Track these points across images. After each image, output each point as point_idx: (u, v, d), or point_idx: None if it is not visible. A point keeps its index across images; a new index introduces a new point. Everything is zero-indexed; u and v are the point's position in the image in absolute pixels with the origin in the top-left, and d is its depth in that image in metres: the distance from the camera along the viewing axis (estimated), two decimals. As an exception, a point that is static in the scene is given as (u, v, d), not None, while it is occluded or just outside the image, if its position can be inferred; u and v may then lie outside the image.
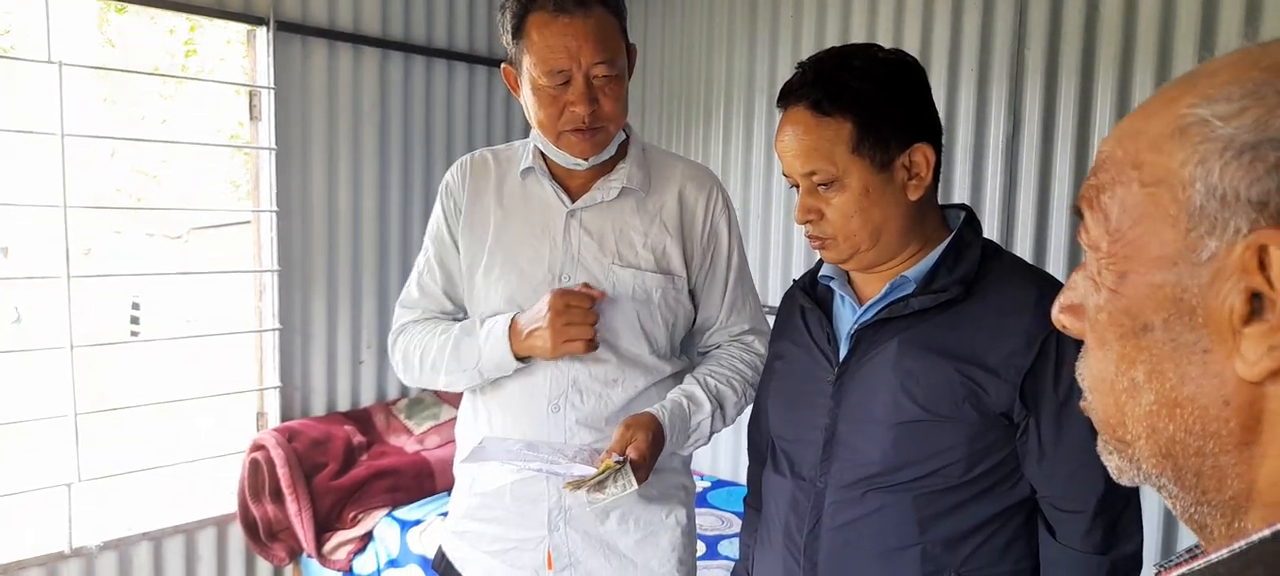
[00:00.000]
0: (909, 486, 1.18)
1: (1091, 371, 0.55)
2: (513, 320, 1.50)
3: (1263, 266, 0.45)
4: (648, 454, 1.41)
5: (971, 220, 1.27)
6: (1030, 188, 2.69)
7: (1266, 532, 0.45)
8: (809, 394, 1.29)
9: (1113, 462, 0.55)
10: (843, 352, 1.26)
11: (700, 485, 3.26)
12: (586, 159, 1.50)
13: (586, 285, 1.50)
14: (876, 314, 1.23)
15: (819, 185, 1.20)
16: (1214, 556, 0.47)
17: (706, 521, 2.94)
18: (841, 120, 1.16)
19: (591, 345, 1.46)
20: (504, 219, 1.58)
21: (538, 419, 1.55)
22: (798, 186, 1.24)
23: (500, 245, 1.57)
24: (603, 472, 1.36)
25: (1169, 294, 0.49)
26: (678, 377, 1.61)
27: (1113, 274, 0.52)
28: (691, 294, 1.61)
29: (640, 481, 1.38)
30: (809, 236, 1.26)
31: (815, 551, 1.24)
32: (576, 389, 1.54)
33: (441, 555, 1.71)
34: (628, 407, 1.54)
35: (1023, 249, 2.69)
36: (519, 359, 1.51)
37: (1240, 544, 0.46)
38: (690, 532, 1.65)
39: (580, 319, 1.44)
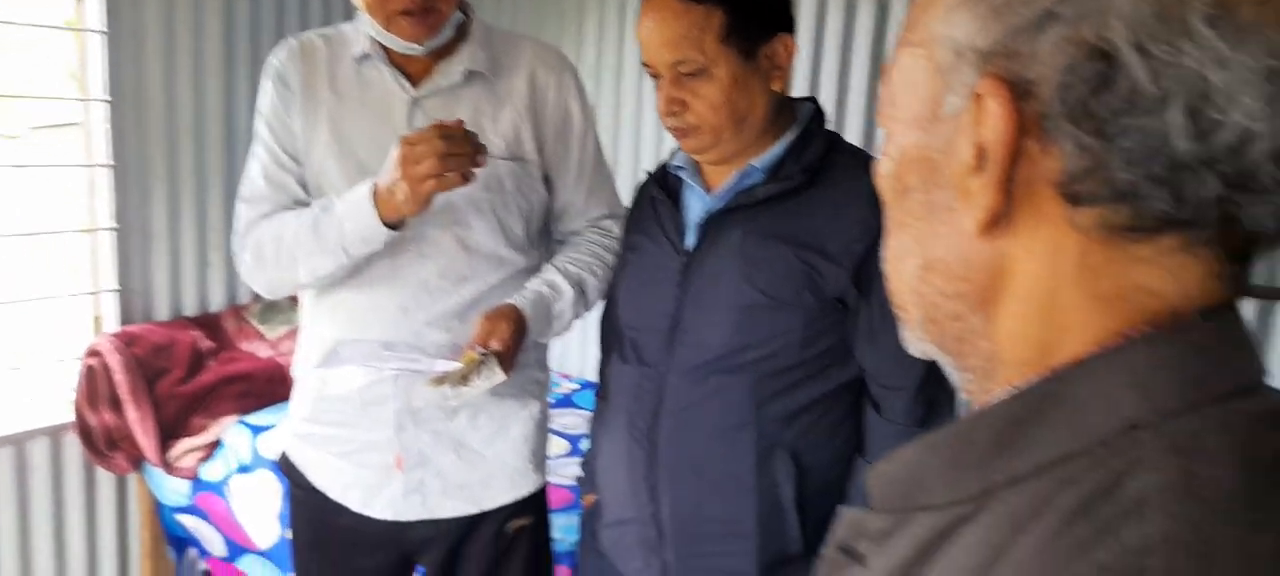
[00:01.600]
0: (748, 368, 1.21)
1: (885, 244, 0.54)
2: (375, 184, 1.37)
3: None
4: (512, 345, 1.39)
5: (819, 112, 1.29)
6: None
7: (1003, 396, 0.45)
8: (657, 282, 1.30)
9: (903, 335, 0.55)
10: (691, 241, 1.27)
11: (567, 386, 3.28)
12: (421, 43, 1.42)
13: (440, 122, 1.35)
14: (725, 203, 1.24)
15: (685, 75, 1.19)
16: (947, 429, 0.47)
17: (570, 420, 2.96)
18: (711, 8, 1.15)
19: (465, 177, 1.33)
20: (339, 108, 1.49)
21: (387, 322, 1.50)
22: (658, 77, 1.22)
23: (337, 138, 1.48)
24: (466, 367, 1.33)
25: (922, 154, 0.48)
26: (533, 270, 1.59)
27: (891, 141, 0.51)
28: (546, 180, 1.58)
29: (507, 373, 1.37)
30: (671, 128, 1.25)
31: (656, 434, 1.27)
32: (425, 289, 1.49)
33: (285, 458, 1.66)
34: (479, 303, 1.51)
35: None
36: (389, 226, 1.37)
37: (976, 409, 0.47)
38: (543, 426, 1.66)
39: (428, 152, 1.29)
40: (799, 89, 2.86)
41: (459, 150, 1.30)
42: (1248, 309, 2.26)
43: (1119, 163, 0.40)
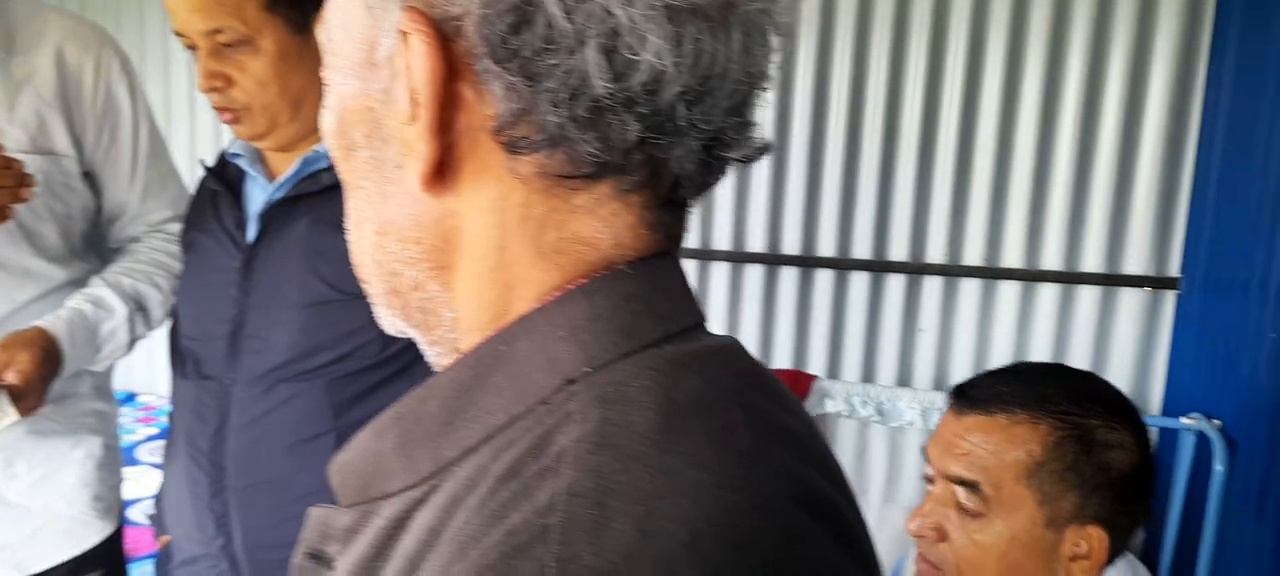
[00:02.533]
0: (321, 372, 1.10)
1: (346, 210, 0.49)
2: None
3: None
4: (35, 376, 1.15)
5: None
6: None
7: (449, 364, 0.44)
8: (215, 284, 1.15)
9: (376, 313, 0.50)
10: (251, 235, 1.14)
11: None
12: None
13: None
14: (286, 192, 1.12)
15: (225, 46, 1.05)
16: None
17: (177, 453, 2.63)
18: None
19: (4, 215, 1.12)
20: None
21: None
22: (194, 48, 1.07)
23: None
24: None
25: (363, 105, 0.44)
26: (80, 285, 1.34)
27: (332, 90, 0.46)
28: (89, 178, 1.34)
29: (27, 411, 1.13)
30: (216, 107, 1.10)
31: (221, 454, 1.12)
32: None
33: None
34: (3, 327, 1.25)
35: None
36: None
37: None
38: (110, 466, 1.42)
39: None
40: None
41: None
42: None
43: (546, 105, 0.39)
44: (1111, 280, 2.36)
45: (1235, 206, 2.01)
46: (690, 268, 2.61)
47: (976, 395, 1.00)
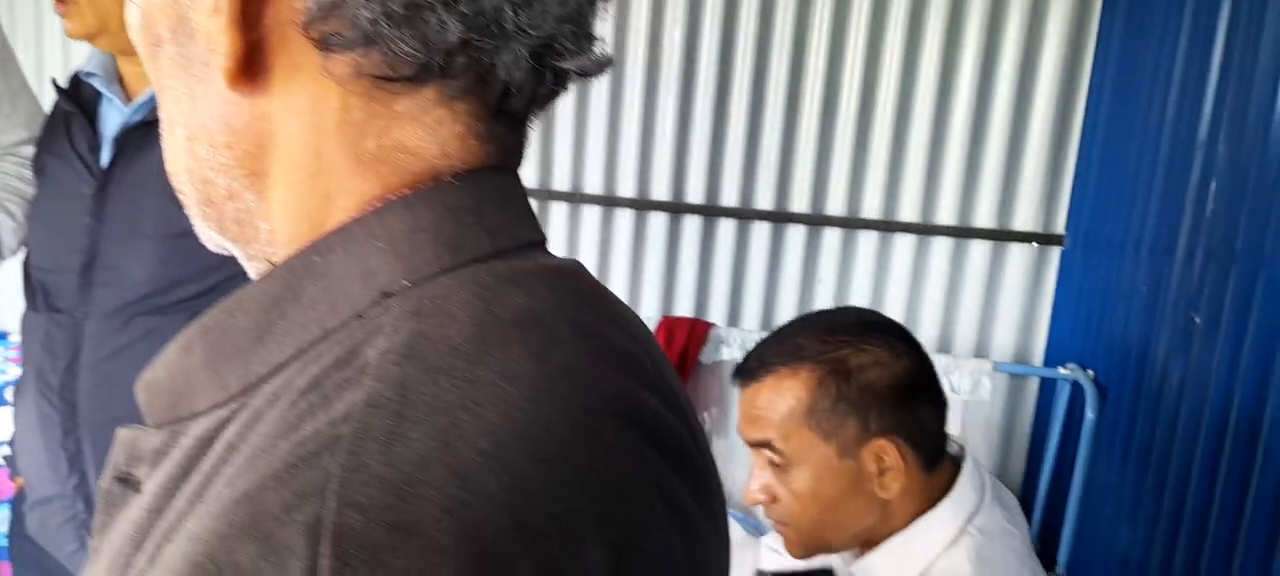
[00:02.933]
0: (182, 306, 1.05)
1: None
2: None
3: None
4: None
5: None
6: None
7: (260, 276, 0.41)
8: (68, 211, 1.09)
9: (196, 228, 0.47)
10: (106, 159, 1.07)
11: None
12: None
13: None
14: (144, 114, 1.06)
15: None
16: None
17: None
18: None
19: None
20: None
21: None
22: None
23: None
24: None
25: None
26: None
27: None
28: None
29: None
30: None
31: (73, 391, 1.06)
32: None
33: None
34: None
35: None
36: None
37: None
38: None
39: None
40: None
41: None
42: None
43: None
44: (1001, 235, 2.43)
45: (1116, 169, 2.09)
46: (594, 214, 2.60)
47: (748, 367, 1.07)
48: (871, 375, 1.01)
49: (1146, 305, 1.82)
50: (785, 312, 2.57)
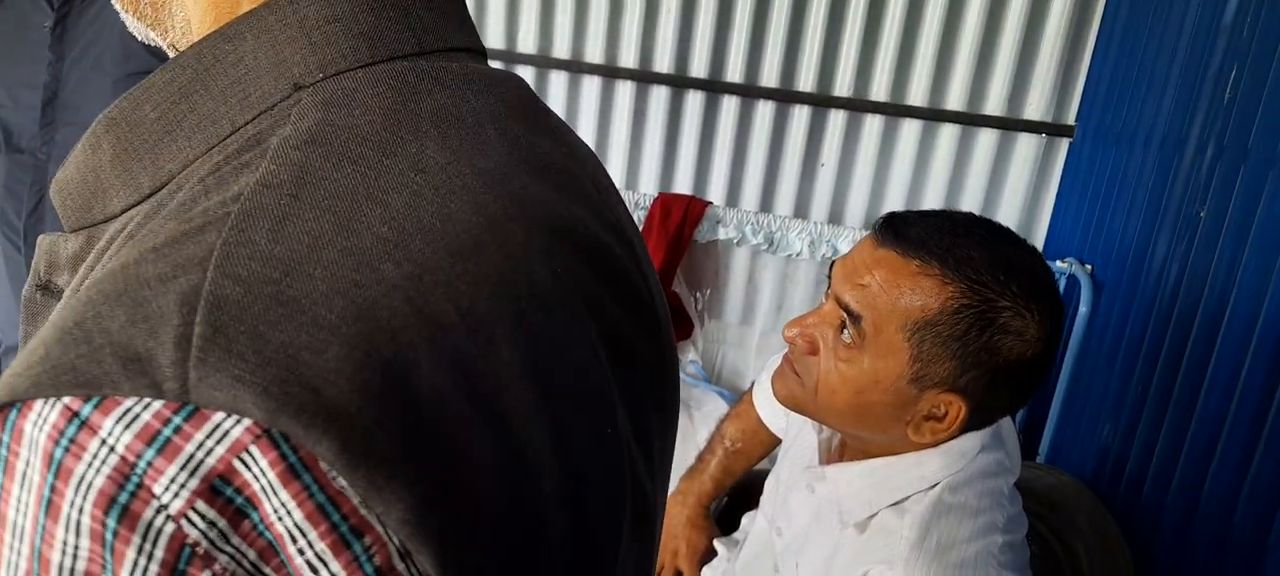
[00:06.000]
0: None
1: None
2: None
3: None
4: None
5: None
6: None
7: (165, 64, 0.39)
8: (26, 46, 1.04)
9: (124, 17, 0.45)
10: (66, -8, 1.02)
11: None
12: None
13: None
14: (103, -57, 1.00)
15: None
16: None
17: None
18: None
19: None
20: None
21: None
22: None
23: None
24: None
25: None
26: None
27: None
28: None
29: None
30: None
31: (38, 232, 1.04)
32: None
33: None
34: None
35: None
36: None
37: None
38: None
39: None
40: None
41: None
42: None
43: None
44: (1011, 124, 2.37)
45: (1133, 59, 2.01)
46: (594, 84, 2.53)
47: (899, 231, 0.95)
48: (1006, 342, 0.90)
49: (1151, 200, 1.78)
50: (785, 195, 2.53)
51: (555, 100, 2.57)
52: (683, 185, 2.57)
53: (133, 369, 0.29)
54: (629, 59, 2.51)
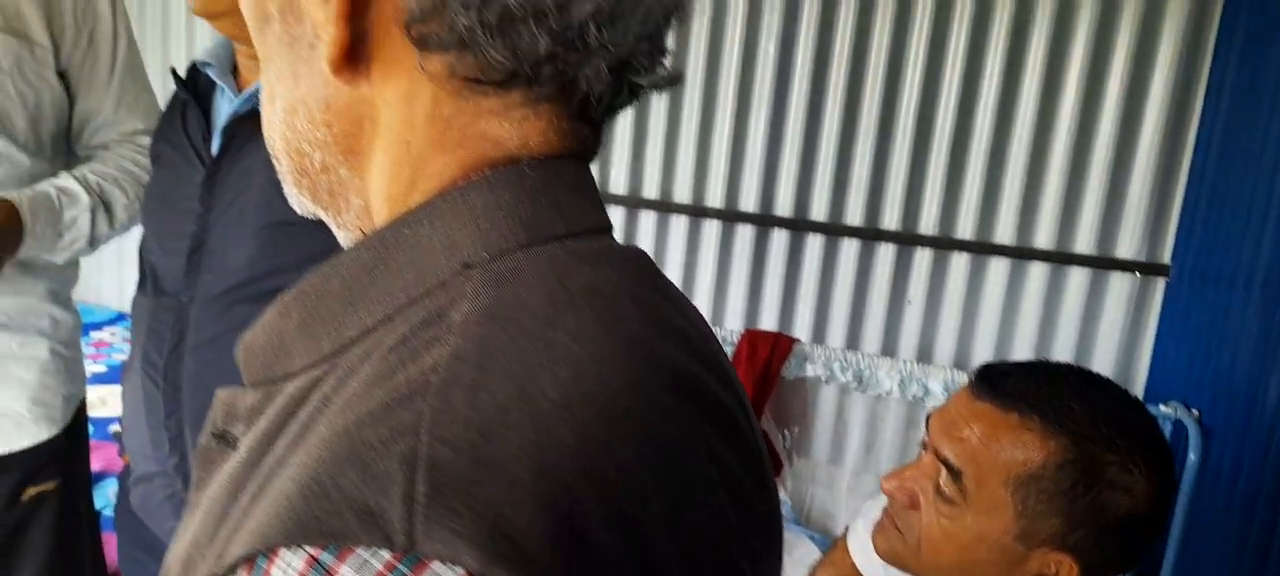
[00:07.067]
0: (277, 295, 1.08)
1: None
2: None
3: None
4: None
5: None
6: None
7: (351, 245, 0.45)
8: (179, 198, 1.13)
9: (286, 192, 0.50)
10: (216, 148, 1.12)
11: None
12: None
13: None
14: (251, 104, 1.10)
15: None
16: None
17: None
18: None
19: None
20: None
21: None
22: None
23: None
24: None
25: None
26: (48, 177, 1.34)
27: None
28: (64, 79, 1.34)
29: None
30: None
31: (177, 373, 1.11)
32: None
33: None
34: None
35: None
36: None
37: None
38: (58, 372, 1.41)
39: None
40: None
41: None
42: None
43: (457, 5, 0.40)
44: (1102, 263, 2.34)
45: (1228, 199, 1.99)
46: (682, 223, 2.60)
47: (997, 383, 0.94)
48: (1114, 498, 0.88)
49: (1258, 343, 1.73)
50: (872, 332, 2.52)
51: (644, 238, 2.65)
52: (768, 321, 2.59)
53: (367, 522, 0.33)
54: (716, 199, 2.58)
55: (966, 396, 0.98)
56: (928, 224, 2.45)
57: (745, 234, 2.57)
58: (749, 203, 2.55)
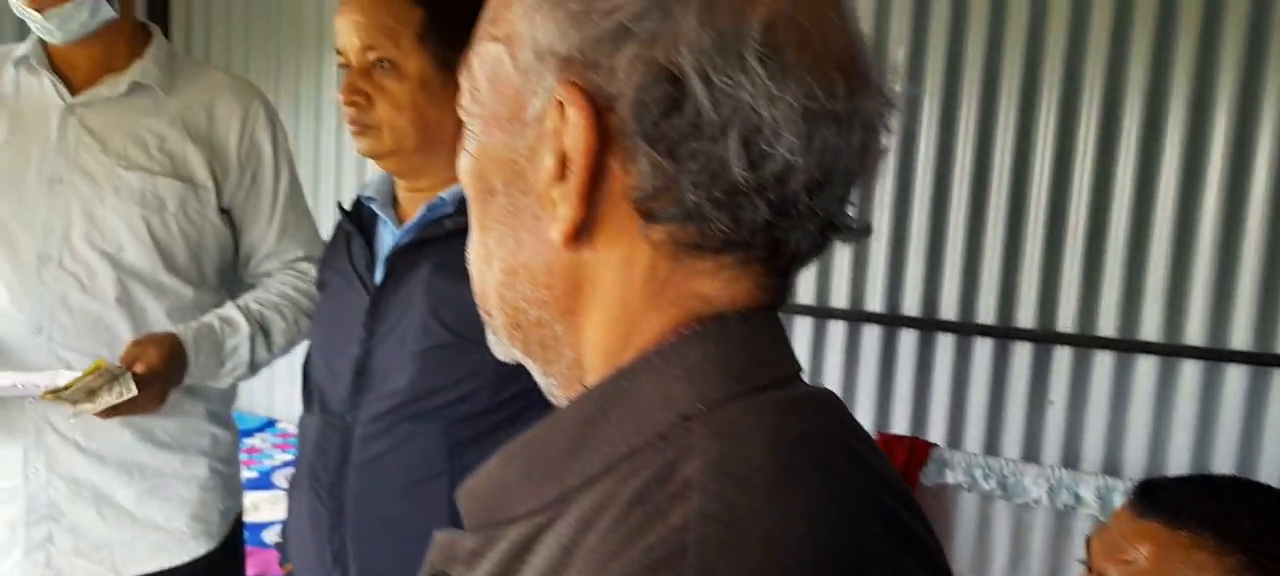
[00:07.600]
0: (437, 414, 1.12)
1: (470, 242, 0.53)
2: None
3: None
4: (160, 370, 1.28)
5: None
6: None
7: (573, 398, 0.47)
8: (344, 322, 1.20)
9: (489, 338, 0.54)
10: (379, 277, 1.18)
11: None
12: (46, 16, 1.28)
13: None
14: (412, 236, 1.16)
15: (374, 64, 1.12)
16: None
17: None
18: (414, 5, 1.10)
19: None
20: None
21: (13, 340, 1.32)
22: (348, 65, 1.15)
23: None
24: (88, 376, 1.22)
25: (506, 155, 0.47)
26: (210, 308, 1.45)
27: (473, 136, 0.50)
28: (228, 215, 1.45)
29: (149, 405, 1.27)
30: (350, 121, 1.16)
31: (341, 490, 1.15)
32: (65, 307, 1.33)
33: None
34: (137, 332, 1.36)
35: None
36: None
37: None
38: (216, 489, 1.49)
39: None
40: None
41: None
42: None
43: (687, 183, 0.43)
44: (1263, 359, 2.20)
45: None
46: (805, 326, 2.58)
47: (1162, 500, 0.90)
48: None
49: None
50: (1012, 436, 2.42)
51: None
52: (900, 425, 2.52)
53: None
54: (840, 299, 2.56)
55: (1129, 515, 0.94)
56: (1066, 321, 2.36)
57: (872, 334, 2.53)
58: (875, 303, 2.52)
